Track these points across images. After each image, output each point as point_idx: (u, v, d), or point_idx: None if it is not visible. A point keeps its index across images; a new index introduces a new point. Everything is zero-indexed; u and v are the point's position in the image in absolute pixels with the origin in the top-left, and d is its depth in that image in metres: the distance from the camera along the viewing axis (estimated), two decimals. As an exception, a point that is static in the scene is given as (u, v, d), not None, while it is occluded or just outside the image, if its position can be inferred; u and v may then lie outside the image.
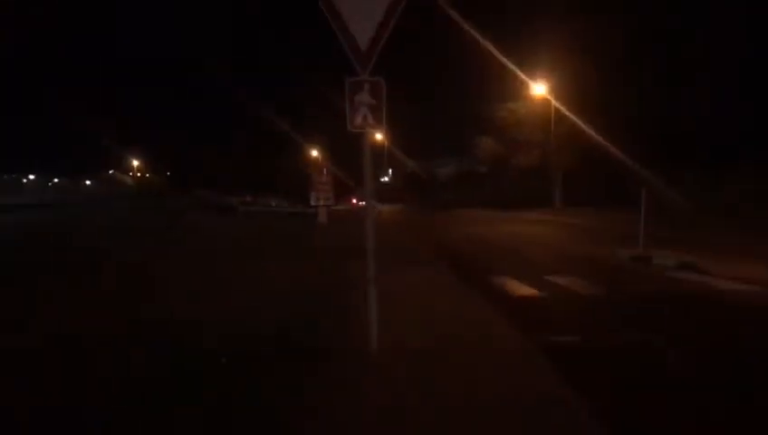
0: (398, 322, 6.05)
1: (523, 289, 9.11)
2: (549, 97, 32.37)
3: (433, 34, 32.30)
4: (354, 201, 54.44)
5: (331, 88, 34.09)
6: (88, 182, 63.41)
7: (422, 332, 5.89)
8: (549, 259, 13.11)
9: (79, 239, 17.76)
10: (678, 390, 4.66)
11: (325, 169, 25.39)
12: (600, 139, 26.78)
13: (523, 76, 30.91)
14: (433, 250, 14.48)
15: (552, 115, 32.31)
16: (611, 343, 5.99)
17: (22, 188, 40.30)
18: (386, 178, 62.24)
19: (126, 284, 9.23)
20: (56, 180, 49.55)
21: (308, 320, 6.39)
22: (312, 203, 23.62)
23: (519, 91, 34.45)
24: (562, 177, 35.02)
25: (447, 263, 11.77)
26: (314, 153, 42.26)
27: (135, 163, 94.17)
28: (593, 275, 10.31)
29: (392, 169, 62.55)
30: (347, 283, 8.57)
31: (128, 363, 5.02)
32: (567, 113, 30.21)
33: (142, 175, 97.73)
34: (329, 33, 4.80)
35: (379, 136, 45.89)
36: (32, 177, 45.50)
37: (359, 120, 4.90)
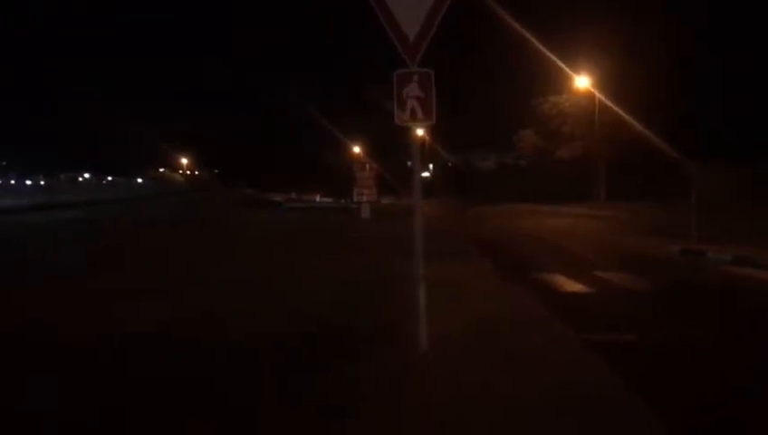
0: (446, 320, 5.89)
1: (573, 285, 8.90)
2: (593, 90, 31.72)
3: (475, 27, 31.73)
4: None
5: (374, 82, 34.05)
6: (140, 180, 65.42)
7: (472, 331, 5.75)
8: (595, 254, 12.81)
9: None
10: (745, 394, 4.43)
11: (368, 166, 25.44)
12: (644, 130, 26.07)
13: (566, 69, 30.37)
14: (476, 245, 14.30)
15: (596, 107, 31.66)
16: (669, 342, 5.78)
17: (77, 186, 41.77)
18: (427, 173, 61.95)
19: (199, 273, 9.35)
20: (109, 178, 51.27)
21: (354, 317, 6.35)
22: (355, 199, 23.75)
23: (562, 83, 33.86)
24: (606, 170, 34.23)
25: (492, 258, 11.59)
26: (357, 149, 42.29)
27: (184, 161, 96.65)
28: (644, 271, 10.02)
29: (432, 163, 62.15)
30: (392, 278, 8.49)
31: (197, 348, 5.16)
32: (611, 105, 29.52)
33: (192, 172, 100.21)
34: (375, 24, 4.76)
35: (419, 131, 45.64)
36: (87, 175, 47.11)
37: (407, 113, 4.79)
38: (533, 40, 25.71)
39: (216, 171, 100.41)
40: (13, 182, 33.43)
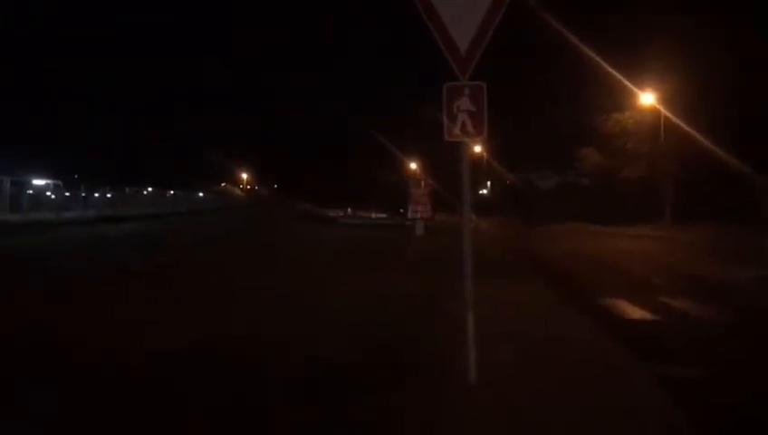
0: (497, 346, 5.57)
1: (636, 312, 8.38)
2: (658, 106, 30.56)
3: (537, 44, 31.34)
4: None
5: (429, 98, 33.89)
6: (200, 194, 67.66)
7: (525, 360, 5.40)
8: (661, 279, 12.11)
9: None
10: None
11: (423, 182, 25.25)
12: (712, 147, 24.75)
13: (630, 86, 29.39)
14: (534, 266, 13.84)
15: (662, 124, 30.46)
16: (742, 378, 5.27)
17: (140, 199, 43.47)
18: (484, 191, 61.15)
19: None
20: (171, 192, 53.09)
21: (399, 343, 6.04)
22: (410, 216, 23.52)
23: (625, 100, 32.79)
24: (673, 190, 32.72)
25: (550, 281, 11.14)
26: (413, 166, 42.18)
27: (244, 176, 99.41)
28: (714, 298, 9.35)
29: (491, 181, 61.39)
30: (441, 298, 8.19)
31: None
32: (677, 121, 28.29)
33: (252, 187, 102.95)
34: (427, 38, 4.56)
35: (477, 148, 45.12)
36: (150, 189, 48.95)
37: (457, 128, 4.56)
38: (596, 57, 25.05)
39: (276, 186, 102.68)
40: (83, 195, 34.64)
